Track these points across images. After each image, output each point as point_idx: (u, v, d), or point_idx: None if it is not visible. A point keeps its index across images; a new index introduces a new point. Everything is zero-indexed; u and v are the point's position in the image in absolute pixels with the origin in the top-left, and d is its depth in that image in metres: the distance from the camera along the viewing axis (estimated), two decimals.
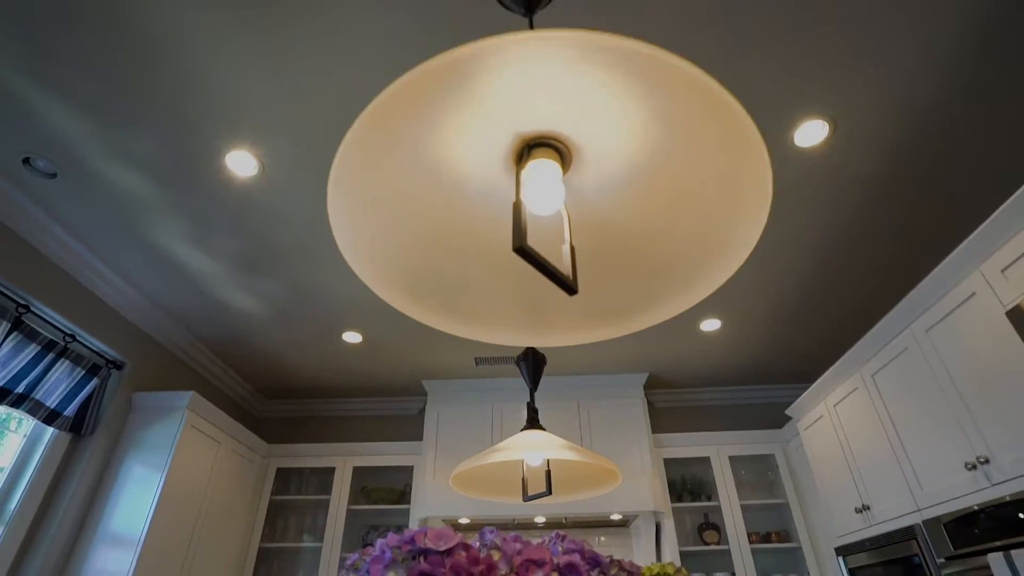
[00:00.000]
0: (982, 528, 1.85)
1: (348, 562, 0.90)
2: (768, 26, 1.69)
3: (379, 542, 0.80)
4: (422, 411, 4.23)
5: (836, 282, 2.91)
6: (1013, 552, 1.67)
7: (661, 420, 4.06)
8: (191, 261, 2.68)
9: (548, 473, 1.58)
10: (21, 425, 2.53)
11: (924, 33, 1.72)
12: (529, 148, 0.64)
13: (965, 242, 1.91)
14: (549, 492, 1.60)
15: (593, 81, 0.54)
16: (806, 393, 3.05)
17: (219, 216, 2.39)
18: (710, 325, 3.27)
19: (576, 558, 0.87)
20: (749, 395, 4.06)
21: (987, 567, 1.78)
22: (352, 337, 3.37)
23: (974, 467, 1.92)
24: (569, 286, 0.64)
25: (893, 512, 2.38)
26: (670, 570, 0.95)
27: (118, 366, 2.92)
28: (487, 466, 1.65)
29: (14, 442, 2.50)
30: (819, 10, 1.65)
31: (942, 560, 2.04)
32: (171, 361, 3.31)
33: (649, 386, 4.01)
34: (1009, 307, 1.73)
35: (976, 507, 1.89)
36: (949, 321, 2.05)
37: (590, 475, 1.66)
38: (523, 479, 1.67)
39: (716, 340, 3.44)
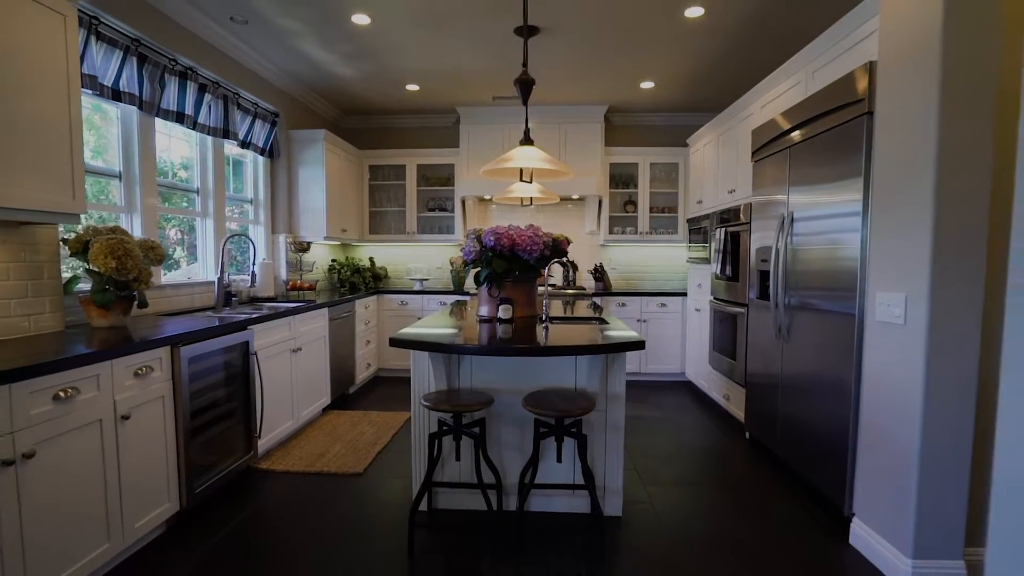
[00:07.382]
0: (722, 218, 4.21)
1: (469, 230, 3.21)
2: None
3: (487, 230, 3.06)
4: (455, 124, 6.17)
5: (724, 73, 4.53)
6: (726, 229, 4.06)
7: (615, 136, 6.07)
8: (319, 56, 4.30)
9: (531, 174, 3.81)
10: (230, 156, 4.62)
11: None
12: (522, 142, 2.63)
13: (760, 83, 3.65)
14: (531, 181, 3.86)
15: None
16: (696, 133, 5.03)
17: (341, 38, 3.93)
18: (647, 84, 4.98)
19: (533, 232, 3.17)
20: (674, 120, 5.97)
21: (716, 235, 4.22)
22: (412, 87, 5.11)
23: (730, 192, 4.16)
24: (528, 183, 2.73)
25: (708, 205, 4.74)
26: (559, 236, 3.25)
27: (277, 115, 4.80)
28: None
29: (248, 167, 4.65)
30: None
31: (714, 232, 4.48)
32: (299, 107, 5.16)
33: (610, 111, 5.87)
34: (754, 127, 3.62)
35: (726, 207, 4.21)
36: (744, 123, 3.94)
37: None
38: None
39: (651, 92, 5.18)
